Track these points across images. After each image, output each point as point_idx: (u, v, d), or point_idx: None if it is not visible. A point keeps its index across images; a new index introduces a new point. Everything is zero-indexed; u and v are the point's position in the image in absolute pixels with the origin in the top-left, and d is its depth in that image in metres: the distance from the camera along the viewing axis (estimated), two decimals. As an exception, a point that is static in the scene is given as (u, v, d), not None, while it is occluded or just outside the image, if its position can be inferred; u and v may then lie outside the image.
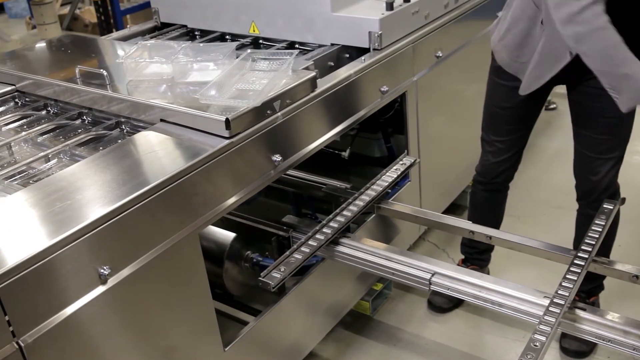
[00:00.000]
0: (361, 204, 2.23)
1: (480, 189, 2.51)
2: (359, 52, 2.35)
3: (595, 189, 2.23)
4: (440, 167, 2.85)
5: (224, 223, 2.09)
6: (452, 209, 3.07)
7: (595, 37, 1.71)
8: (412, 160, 2.46)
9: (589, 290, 2.44)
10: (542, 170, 3.52)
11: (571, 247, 2.32)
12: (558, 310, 1.75)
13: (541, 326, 1.70)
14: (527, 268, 2.67)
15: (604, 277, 2.39)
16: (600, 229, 2.06)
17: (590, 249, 1.99)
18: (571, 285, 1.84)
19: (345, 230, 2.19)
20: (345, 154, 2.61)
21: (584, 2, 1.69)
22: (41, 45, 2.67)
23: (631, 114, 2.00)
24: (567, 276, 1.88)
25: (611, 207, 2.16)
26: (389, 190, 2.40)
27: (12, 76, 2.23)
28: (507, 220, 2.68)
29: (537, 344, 1.63)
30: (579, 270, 1.90)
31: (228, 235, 2.11)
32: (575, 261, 1.94)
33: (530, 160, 3.57)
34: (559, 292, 1.82)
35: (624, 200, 2.25)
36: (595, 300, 2.46)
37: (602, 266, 2.03)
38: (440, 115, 2.78)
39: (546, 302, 1.80)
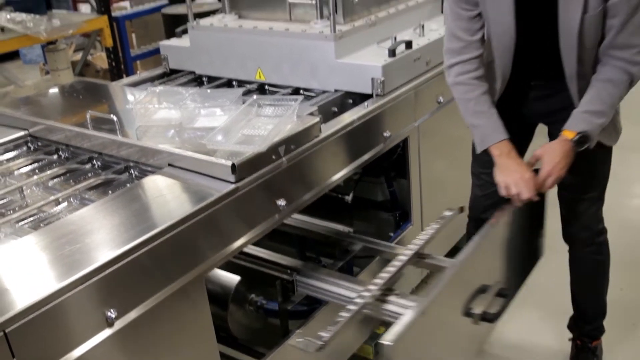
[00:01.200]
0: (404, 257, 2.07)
1: (472, 225, 2.52)
2: (362, 97, 2.41)
3: (576, 230, 2.24)
4: (442, 211, 2.87)
5: (228, 266, 2.12)
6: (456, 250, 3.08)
7: (455, 90, 2.08)
8: (454, 212, 2.42)
9: (590, 334, 2.44)
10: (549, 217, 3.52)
11: (568, 288, 2.34)
12: (369, 294, 1.86)
13: (349, 305, 1.81)
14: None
15: (603, 318, 2.39)
16: (432, 231, 2.15)
17: (416, 247, 2.07)
18: (387, 275, 1.93)
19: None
20: (349, 197, 2.65)
21: (452, 60, 2.04)
22: (54, 91, 2.74)
23: (604, 156, 2.09)
24: (388, 268, 1.97)
25: (450, 214, 2.22)
26: (391, 234, 2.43)
27: (26, 121, 2.29)
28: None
29: (340, 319, 1.74)
30: (400, 263, 1.99)
31: (233, 279, 2.13)
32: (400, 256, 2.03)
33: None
34: (375, 280, 1.92)
35: (462, 208, 2.30)
36: (598, 344, 2.45)
37: (426, 261, 2.10)
38: (442, 159, 2.82)
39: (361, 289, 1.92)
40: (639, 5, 1.76)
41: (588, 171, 2.13)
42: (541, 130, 2.23)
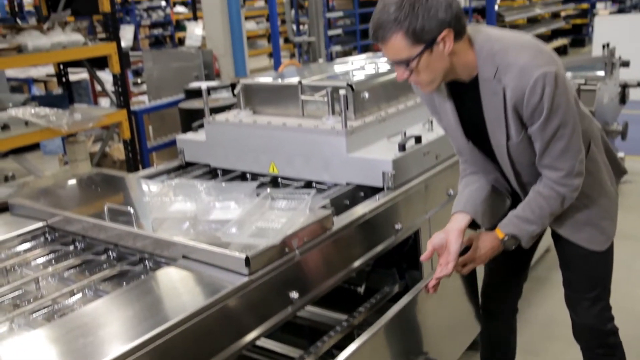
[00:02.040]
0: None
1: (484, 316, 2.51)
2: (374, 190, 2.46)
3: (581, 329, 2.22)
4: (455, 304, 2.85)
5: (239, 358, 2.09)
6: (473, 345, 3.03)
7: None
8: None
9: None
10: (560, 306, 3.49)
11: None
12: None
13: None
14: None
15: None
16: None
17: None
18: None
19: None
20: (361, 289, 2.64)
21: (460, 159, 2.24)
22: (72, 182, 2.81)
23: (598, 259, 2.11)
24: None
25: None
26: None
27: (44, 212, 2.35)
28: (524, 357, 2.63)
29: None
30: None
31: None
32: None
33: (547, 294, 3.56)
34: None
35: None
36: None
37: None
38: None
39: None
40: (556, 133, 1.83)
41: (584, 272, 2.16)
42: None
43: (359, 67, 3.12)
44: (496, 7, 10.45)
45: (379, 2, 1.77)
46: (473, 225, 2.10)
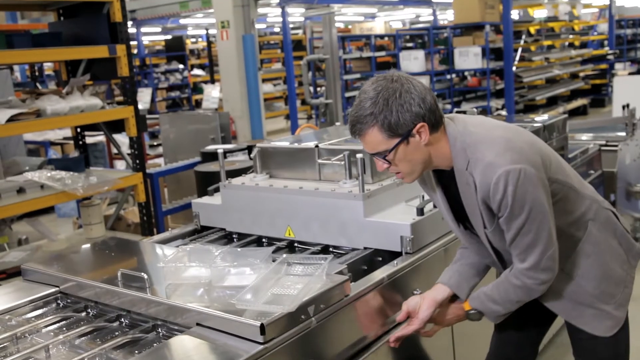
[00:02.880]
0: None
1: None
2: (392, 255, 2.41)
3: None
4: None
5: None
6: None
7: None
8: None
9: None
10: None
11: None
12: None
13: None
14: None
15: None
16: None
17: None
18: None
19: None
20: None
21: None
22: (86, 247, 2.79)
23: (608, 345, 2.01)
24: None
25: None
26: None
27: (57, 278, 2.32)
28: None
29: None
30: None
31: None
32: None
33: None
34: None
35: None
36: None
37: None
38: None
39: None
40: (522, 228, 1.84)
41: (589, 358, 2.09)
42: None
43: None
44: (514, 69, 10.56)
45: (356, 99, 1.85)
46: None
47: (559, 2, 14.54)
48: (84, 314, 2.20)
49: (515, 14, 13.38)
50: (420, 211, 2.44)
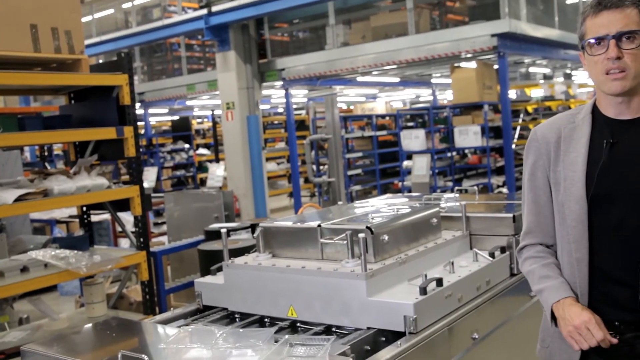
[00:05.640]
0: None
1: None
2: (395, 335, 2.38)
3: None
4: None
5: None
6: None
7: (521, 266, 2.18)
8: None
9: None
10: None
11: None
12: None
13: None
14: None
15: None
16: None
17: None
18: None
19: None
20: None
21: (520, 245, 2.19)
22: (87, 327, 2.77)
23: None
24: None
25: None
26: None
27: (57, 360, 2.29)
28: None
29: None
30: None
31: None
32: None
33: None
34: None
35: None
36: None
37: None
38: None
39: None
40: None
41: None
42: None
43: (378, 209, 3.15)
44: (513, 146, 10.69)
45: None
46: None
47: (555, 82, 14.87)
48: (83, 397, 2.16)
49: (512, 94, 13.67)
50: (423, 290, 2.43)
